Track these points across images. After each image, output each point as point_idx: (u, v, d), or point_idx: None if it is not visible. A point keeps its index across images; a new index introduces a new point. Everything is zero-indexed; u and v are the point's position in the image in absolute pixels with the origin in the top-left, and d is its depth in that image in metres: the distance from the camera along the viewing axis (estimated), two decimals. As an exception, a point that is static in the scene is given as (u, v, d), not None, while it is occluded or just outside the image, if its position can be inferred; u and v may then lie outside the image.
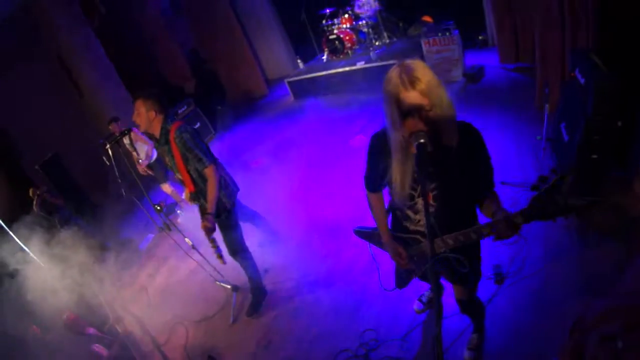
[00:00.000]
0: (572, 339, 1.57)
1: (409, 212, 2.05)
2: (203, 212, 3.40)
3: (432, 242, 1.45)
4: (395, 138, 1.73)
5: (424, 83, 1.55)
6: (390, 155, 1.82)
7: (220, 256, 3.42)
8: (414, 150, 1.58)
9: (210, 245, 3.37)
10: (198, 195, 3.41)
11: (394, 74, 1.61)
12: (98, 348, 3.74)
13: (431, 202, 1.89)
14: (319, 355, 3.17)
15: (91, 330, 3.87)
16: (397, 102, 1.59)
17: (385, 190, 2.16)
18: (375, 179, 2.06)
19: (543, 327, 2.71)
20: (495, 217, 1.70)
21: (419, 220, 2.05)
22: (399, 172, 1.81)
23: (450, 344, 2.85)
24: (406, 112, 1.59)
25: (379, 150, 1.90)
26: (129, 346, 3.98)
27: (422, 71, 1.58)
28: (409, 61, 1.63)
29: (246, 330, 3.68)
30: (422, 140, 1.56)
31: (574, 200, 1.47)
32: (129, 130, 3.56)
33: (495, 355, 2.69)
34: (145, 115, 3.19)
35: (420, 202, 1.95)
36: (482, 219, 1.90)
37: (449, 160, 1.74)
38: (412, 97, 1.57)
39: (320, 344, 3.26)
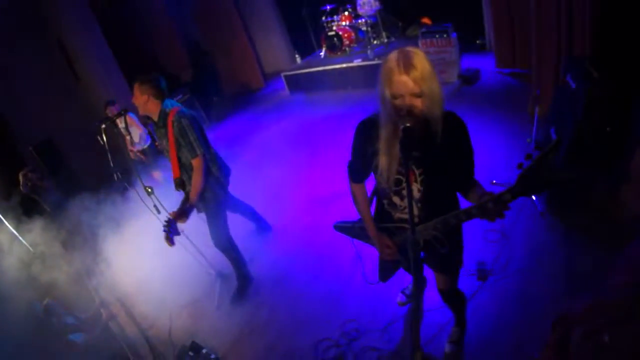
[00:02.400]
0: (556, 333, 1.59)
1: (395, 199, 2.06)
2: (185, 200, 3.42)
3: (412, 211, 1.48)
4: (384, 121, 1.77)
5: (418, 71, 1.60)
6: (378, 140, 1.85)
7: (169, 238, 3.19)
8: (400, 134, 1.61)
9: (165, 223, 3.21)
10: (183, 182, 3.42)
11: (392, 56, 1.67)
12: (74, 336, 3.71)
13: (419, 187, 1.93)
14: (301, 343, 3.19)
15: (70, 320, 3.84)
16: (390, 84, 1.64)
17: (367, 182, 2.18)
18: (360, 168, 2.08)
19: (525, 324, 2.75)
20: (482, 198, 1.73)
21: (405, 208, 2.07)
22: (386, 156, 1.84)
23: (431, 337, 2.88)
24: (396, 94, 1.64)
25: (366, 136, 1.93)
26: (113, 330, 3.97)
27: (420, 60, 1.62)
28: (409, 48, 1.68)
29: (230, 317, 3.68)
30: (408, 124, 1.59)
31: (560, 174, 1.50)
32: (125, 112, 3.55)
33: (476, 350, 2.72)
34: (140, 98, 3.23)
35: None
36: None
37: (435, 147, 1.78)
38: (404, 81, 1.61)
39: (302, 332, 3.28)
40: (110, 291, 4.48)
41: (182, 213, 3.25)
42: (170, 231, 3.18)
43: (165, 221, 3.19)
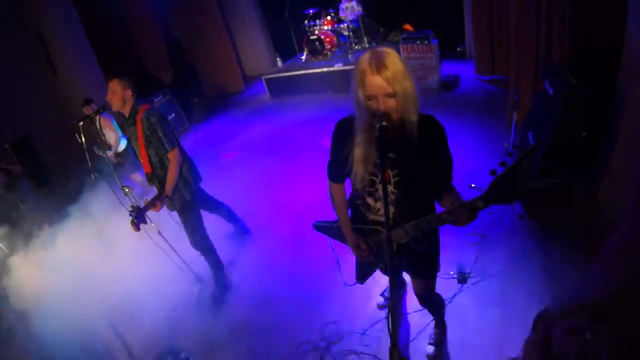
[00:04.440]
0: (537, 331, 1.60)
1: (369, 200, 2.06)
2: (159, 195, 3.41)
3: (387, 210, 1.48)
4: (359, 120, 1.78)
5: (390, 71, 1.61)
6: (354, 140, 1.85)
7: (134, 223, 3.21)
8: (376, 133, 1.62)
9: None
10: (153, 178, 3.44)
11: (364, 57, 1.68)
12: None
13: (392, 189, 1.92)
14: (281, 346, 3.16)
15: None
16: (363, 85, 1.65)
17: (347, 183, 2.17)
18: (338, 167, 2.05)
19: (504, 325, 2.77)
20: (454, 204, 1.74)
21: (379, 210, 2.07)
22: (360, 156, 1.84)
23: (412, 339, 2.88)
24: (369, 95, 1.65)
25: (343, 135, 1.93)
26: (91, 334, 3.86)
27: (392, 60, 1.63)
28: (381, 48, 1.69)
29: (208, 321, 3.61)
30: (384, 123, 1.60)
31: (533, 183, 1.51)
32: (104, 109, 3.49)
33: (457, 351, 2.74)
34: (121, 94, 3.20)
35: (381, 190, 1.96)
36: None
37: (411, 149, 1.78)
38: (376, 81, 1.62)
39: (282, 335, 3.25)
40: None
41: (154, 202, 3.27)
42: (137, 217, 3.19)
43: (132, 206, 3.22)
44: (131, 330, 3.79)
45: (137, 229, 3.22)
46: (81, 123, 3.34)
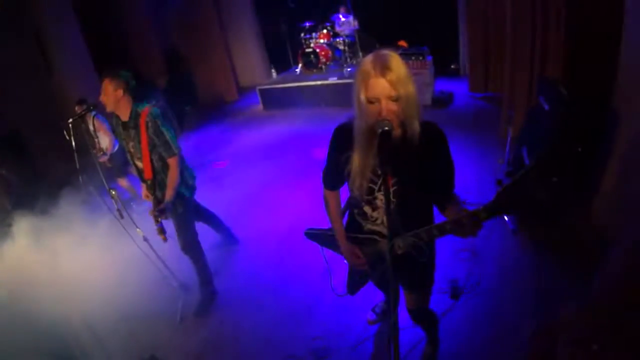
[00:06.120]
0: (537, 344, 1.55)
1: (367, 209, 1.99)
2: (156, 205, 3.26)
3: (389, 214, 1.41)
4: (359, 125, 1.71)
5: (394, 74, 1.55)
6: (352, 146, 1.79)
7: (162, 232, 3.30)
8: (378, 138, 1.56)
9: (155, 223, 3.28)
10: (154, 185, 3.28)
11: (368, 59, 1.62)
12: None
13: (392, 197, 1.84)
14: (266, 360, 3.06)
15: None
16: (365, 87, 1.60)
17: (343, 191, 2.11)
18: (335, 174, 1.99)
19: (498, 342, 2.70)
20: (458, 214, 1.68)
21: (377, 219, 2.00)
22: (359, 162, 1.78)
23: (403, 356, 2.79)
24: (372, 98, 1.59)
25: (341, 141, 1.86)
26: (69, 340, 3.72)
27: (396, 63, 1.58)
28: (384, 51, 1.63)
29: (193, 331, 3.50)
30: (386, 128, 1.54)
31: (539, 194, 1.45)
32: (94, 106, 3.39)
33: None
34: (112, 94, 3.07)
35: (379, 198, 1.90)
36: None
37: (411, 156, 1.72)
38: (380, 84, 1.57)
39: (268, 348, 3.14)
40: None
41: (161, 211, 3.15)
42: (162, 225, 3.26)
43: (158, 210, 3.16)
44: (112, 338, 3.66)
45: (166, 237, 3.29)
46: (70, 121, 3.24)
